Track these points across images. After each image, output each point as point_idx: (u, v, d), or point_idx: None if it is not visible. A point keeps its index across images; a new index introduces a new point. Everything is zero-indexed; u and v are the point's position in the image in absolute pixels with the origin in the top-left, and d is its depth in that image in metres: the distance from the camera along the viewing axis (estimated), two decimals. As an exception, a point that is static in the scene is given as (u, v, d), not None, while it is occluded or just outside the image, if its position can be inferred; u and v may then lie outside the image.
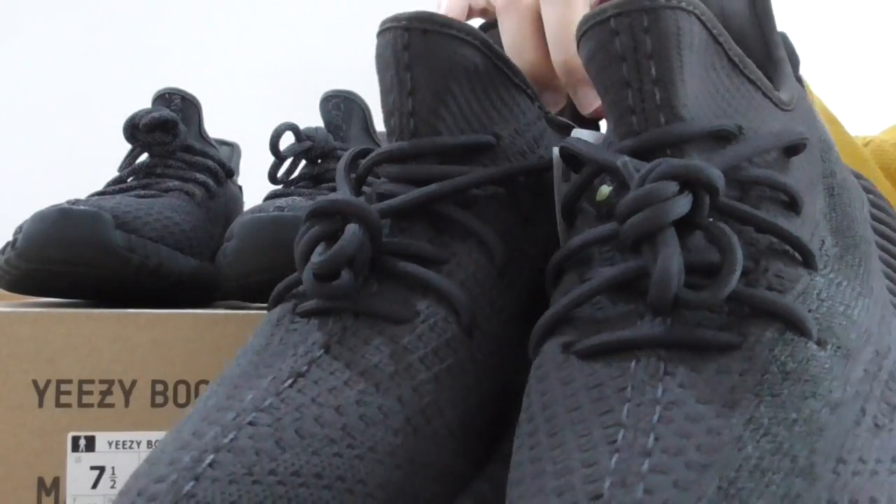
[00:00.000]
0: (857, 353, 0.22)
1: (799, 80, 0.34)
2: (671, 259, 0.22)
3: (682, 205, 0.23)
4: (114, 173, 0.61)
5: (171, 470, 0.22)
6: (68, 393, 0.42)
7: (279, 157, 0.62)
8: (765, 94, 0.28)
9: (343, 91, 0.66)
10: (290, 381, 0.26)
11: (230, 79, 1.29)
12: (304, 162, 0.63)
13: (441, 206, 0.31)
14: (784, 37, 0.34)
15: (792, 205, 0.26)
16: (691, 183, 0.24)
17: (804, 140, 0.27)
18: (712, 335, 0.22)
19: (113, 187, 0.58)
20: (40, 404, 0.42)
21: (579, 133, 0.31)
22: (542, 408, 0.23)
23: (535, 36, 0.40)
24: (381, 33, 0.33)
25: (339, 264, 0.28)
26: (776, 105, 0.28)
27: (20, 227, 0.50)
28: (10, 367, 0.42)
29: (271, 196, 0.63)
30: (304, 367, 0.26)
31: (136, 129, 0.59)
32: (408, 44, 0.31)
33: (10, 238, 0.51)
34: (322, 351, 0.27)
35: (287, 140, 0.64)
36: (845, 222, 0.28)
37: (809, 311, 0.23)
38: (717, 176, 0.24)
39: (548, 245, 0.33)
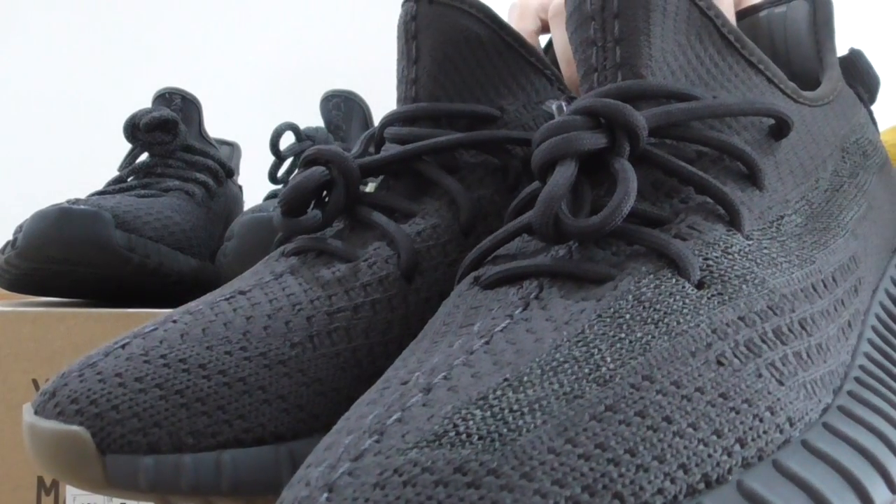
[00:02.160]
0: (738, 302, 0.22)
1: (863, 102, 0.34)
2: (559, 183, 0.23)
3: (592, 139, 0.23)
4: (114, 173, 0.61)
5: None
6: (68, 392, 0.42)
7: (279, 157, 0.62)
8: (769, 80, 0.28)
9: (343, 91, 0.66)
10: (229, 295, 0.29)
11: (230, 79, 1.29)
12: (304, 162, 0.63)
13: (424, 167, 0.32)
14: (859, 55, 0.35)
15: (751, 178, 0.26)
16: (610, 122, 0.24)
17: (780, 116, 0.26)
18: (591, 267, 0.22)
19: (113, 187, 0.58)
20: (40, 404, 0.42)
21: None
22: (424, 332, 0.23)
23: None
24: (402, 6, 0.34)
25: (299, 195, 0.30)
26: (785, 94, 0.28)
27: (20, 227, 0.50)
28: (10, 367, 0.42)
29: (271, 196, 0.63)
30: (248, 287, 0.29)
31: (136, 129, 0.59)
32: (415, 14, 0.33)
33: (11, 237, 0.51)
34: (272, 278, 0.30)
35: (287, 140, 0.64)
36: (833, 213, 0.28)
37: (706, 258, 0.23)
38: (636, 118, 0.23)
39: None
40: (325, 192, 0.31)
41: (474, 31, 0.33)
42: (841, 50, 0.34)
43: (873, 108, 0.35)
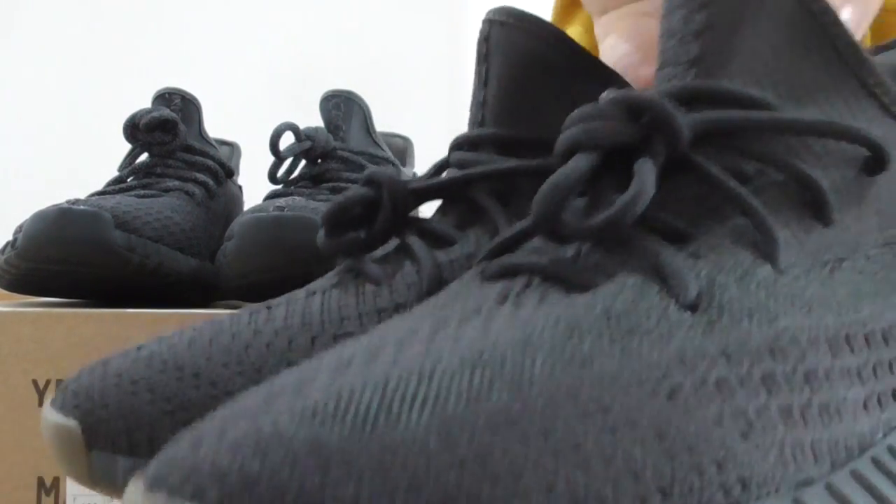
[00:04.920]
0: (729, 335, 0.19)
1: None
2: (568, 173, 0.20)
3: (616, 131, 0.21)
4: (114, 173, 0.61)
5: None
6: (68, 392, 0.42)
7: (279, 157, 0.62)
8: (885, 107, 0.23)
9: (343, 91, 0.66)
10: (257, 308, 0.29)
11: (230, 79, 1.29)
12: (303, 162, 0.63)
13: (477, 195, 0.31)
14: None
15: (817, 210, 0.22)
16: (648, 119, 0.21)
17: (871, 144, 0.22)
18: (582, 273, 0.20)
19: (113, 187, 0.58)
20: (40, 404, 0.42)
21: None
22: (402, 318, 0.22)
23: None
24: (481, 24, 0.33)
25: (338, 212, 0.30)
26: None
27: (20, 227, 0.50)
28: (10, 367, 0.42)
29: (271, 196, 0.63)
30: (278, 303, 0.29)
31: (136, 129, 0.59)
32: (487, 35, 0.32)
33: (11, 238, 0.51)
34: (304, 296, 0.30)
35: (287, 140, 0.64)
36: None
37: (711, 281, 0.20)
38: (674, 117, 0.21)
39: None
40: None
41: (546, 56, 0.31)
42: None
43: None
